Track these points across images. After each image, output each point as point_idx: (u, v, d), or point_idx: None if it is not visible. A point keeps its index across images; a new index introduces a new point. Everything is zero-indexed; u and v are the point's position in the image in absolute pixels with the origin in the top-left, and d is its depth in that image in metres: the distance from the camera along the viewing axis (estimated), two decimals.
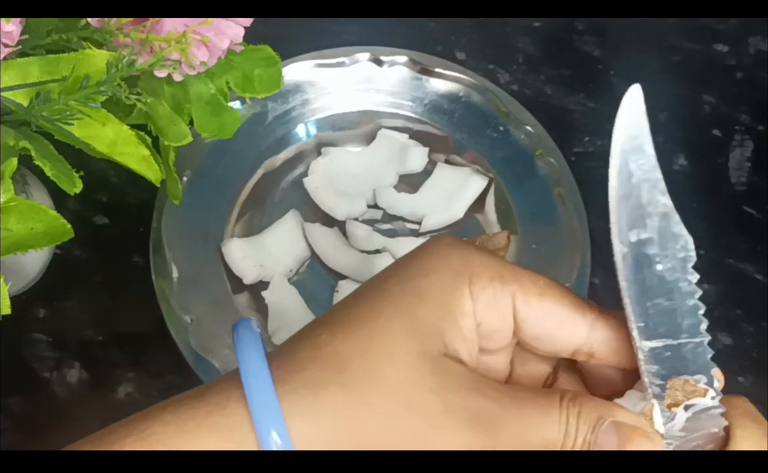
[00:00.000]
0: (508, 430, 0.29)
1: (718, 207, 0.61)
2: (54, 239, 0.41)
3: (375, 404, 0.28)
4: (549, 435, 0.30)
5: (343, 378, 0.28)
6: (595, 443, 0.30)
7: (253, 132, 0.58)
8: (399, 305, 0.30)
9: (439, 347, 0.30)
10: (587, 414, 0.30)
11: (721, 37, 0.68)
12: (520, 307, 0.31)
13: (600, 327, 0.32)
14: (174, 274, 0.52)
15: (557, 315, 0.32)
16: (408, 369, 0.29)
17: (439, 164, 0.59)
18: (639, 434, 0.30)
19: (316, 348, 0.29)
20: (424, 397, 0.28)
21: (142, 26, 0.41)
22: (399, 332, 0.29)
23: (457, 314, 0.30)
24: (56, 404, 0.51)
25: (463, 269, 0.31)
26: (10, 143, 0.39)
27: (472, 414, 0.29)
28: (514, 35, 0.67)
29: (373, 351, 0.29)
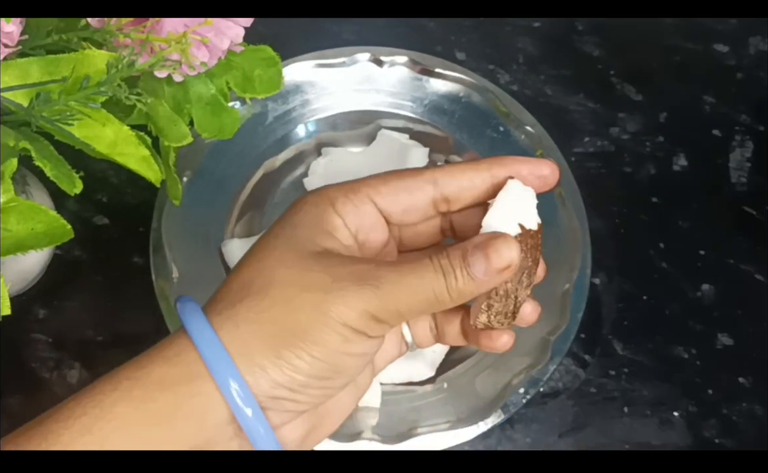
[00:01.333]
0: (389, 280, 0.35)
1: (718, 207, 0.61)
2: (54, 240, 0.41)
3: (277, 295, 0.35)
4: (429, 280, 0.35)
5: (250, 290, 0.35)
6: (471, 267, 0.35)
7: (253, 132, 0.58)
8: (279, 234, 0.37)
9: (316, 248, 0.36)
10: (453, 253, 0.36)
11: (721, 37, 0.68)
12: (377, 200, 0.38)
13: (440, 175, 0.38)
14: (174, 274, 0.52)
15: (404, 186, 0.38)
16: (295, 265, 0.35)
17: (440, 164, 0.59)
18: (493, 238, 0.36)
19: (228, 284, 0.37)
20: (314, 276, 0.35)
21: (142, 26, 0.41)
22: (282, 249, 0.36)
23: (329, 230, 0.37)
24: (56, 404, 0.51)
25: (324, 199, 0.38)
26: (10, 144, 0.39)
27: (355, 276, 0.35)
28: (514, 35, 0.67)
29: (265, 267, 0.36)
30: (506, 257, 0.35)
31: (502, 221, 0.37)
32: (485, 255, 0.35)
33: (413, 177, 0.38)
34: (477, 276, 0.35)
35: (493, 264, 0.35)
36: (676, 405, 0.53)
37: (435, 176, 0.38)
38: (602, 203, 0.60)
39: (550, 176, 0.39)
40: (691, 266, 0.58)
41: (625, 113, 0.64)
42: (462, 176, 0.38)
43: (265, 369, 0.34)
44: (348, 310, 0.34)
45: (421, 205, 0.38)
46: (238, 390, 0.33)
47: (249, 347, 0.34)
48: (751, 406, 0.53)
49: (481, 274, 0.35)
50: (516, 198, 0.38)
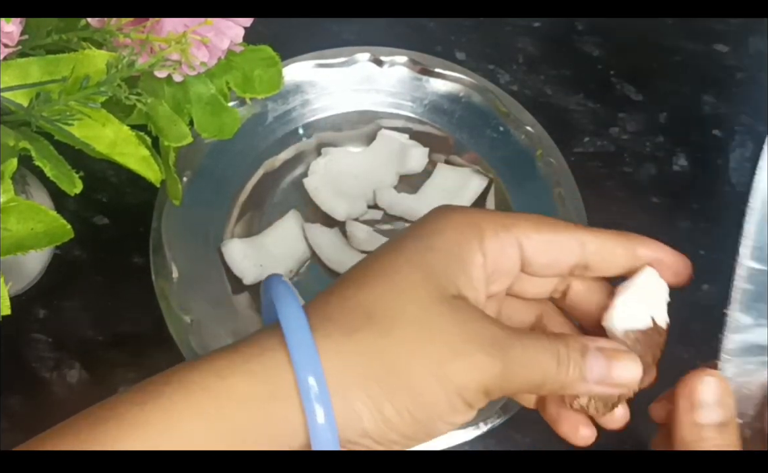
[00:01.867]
0: (514, 353, 0.32)
1: (718, 207, 0.61)
2: (54, 240, 0.41)
3: (400, 336, 0.32)
4: (544, 362, 0.33)
5: (371, 322, 0.32)
6: (587, 369, 0.33)
7: (253, 132, 0.58)
8: (414, 258, 0.34)
9: (453, 290, 0.33)
10: (573, 344, 0.34)
11: (721, 37, 0.68)
12: (525, 244, 0.35)
13: (591, 239, 0.36)
14: (174, 274, 0.52)
15: (555, 241, 0.36)
16: (428, 307, 0.32)
17: (439, 164, 0.59)
18: (621, 352, 0.34)
19: (345, 300, 0.33)
20: (445, 327, 0.32)
21: (142, 26, 0.41)
22: (416, 280, 0.33)
23: (468, 265, 0.34)
24: (56, 404, 0.51)
25: (472, 227, 0.35)
26: (10, 144, 0.39)
27: (486, 340, 0.32)
28: (514, 35, 0.67)
29: (394, 297, 0.33)
30: (628, 376, 0.34)
31: (634, 310, 0.36)
32: (608, 364, 0.34)
33: (565, 233, 0.36)
34: (588, 379, 0.33)
35: (614, 377, 0.34)
36: None
37: (584, 238, 0.36)
38: (602, 203, 0.60)
39: (685, 273, 0.38)
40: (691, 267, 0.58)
41: (625, 113, 0.64)
42: (611, 245, 0.36)
43: (361, 418, 0.32)
44: (469, 379, 0.32)
45: (564, 264, 0.36)
46: (328, 434, 0.31)
47: (352, 389, 0.31)
48: None
49: (595, 379, 0.33)
50: (651, 289, 0.36)
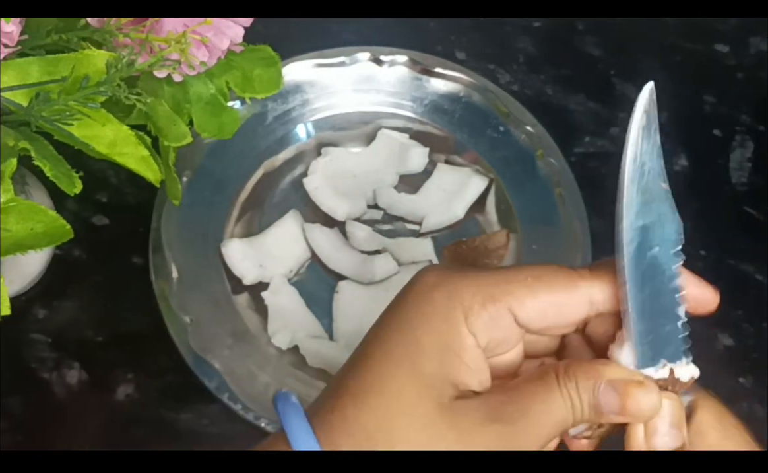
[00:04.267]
0: (525, 434, 0.32)
1: (719, 207, 0.61)
2: (54, 240, 0.41)
3: None
4: (560, 417, 0.32)
5: (369, 442, 0.32)
6: (600, 407, 0.32)
7: (253, 132, 0.58)
8: (404, 364, 0.32)
9: (450, 392, 0.32)
10: (583, 384, 0.32)
11: (721, 37, 0.68)
12: (519, 314, 0.33)
13: (597, 290, 0.33)
14: (174, 274, 0.52)
15: (555, 304, 0.33)
16: (428, 428, 0.32)
17: (440, 164, 0.59)
18: (633, 385, 0.32)
19: (348, 423, 0.32)
20: (441, 437, 0.32)
21: (141, 26, 0.41)
22: (411, 393, 0.32)
23: (459, 353, 0.32)
24: (56, 404, 0.51)
25: (454, 307, 0.33)
26: (9, 143, 0.39)
27: (493, 444, 0.32)
28: (514, 35, 0.67)
29: (394, 419, 0.32)
30: (646, 408, 0.32)
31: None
32: (621, 401, 0.32)
33: (566, 292, 0.33)
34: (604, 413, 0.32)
35: (630, 413, 0.32)
36: None
37: (592, 291, 0.33)
38: (602, 203, 0.59)
39: (710, 303, 0.34)
40: (691, 266, 0.58)
41: (626, 113, 0.63)
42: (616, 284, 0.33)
43: None
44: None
45: (570, 323, 0.34)
46: None
47: None
48: (751, 406, 0.53)
49: (612, 415, 0.32)
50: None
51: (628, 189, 0.33)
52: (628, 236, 0.33)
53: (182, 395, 0.52)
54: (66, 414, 0.51)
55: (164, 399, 0.52)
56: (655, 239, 0.33)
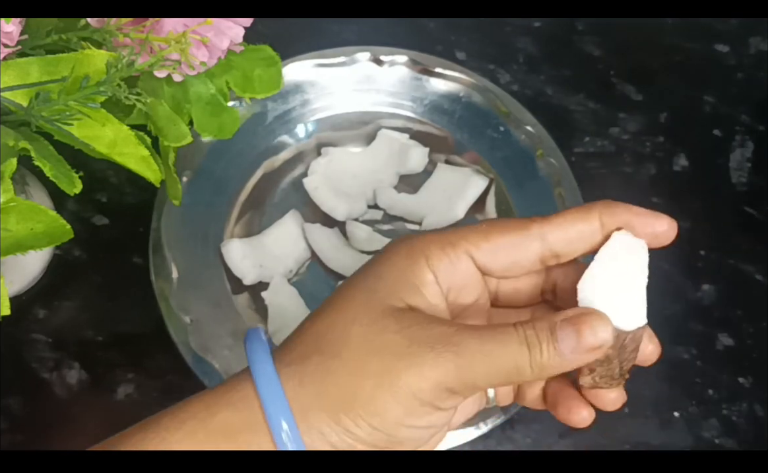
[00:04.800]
0: (468, 347, 0.33)
1: (719, 207, 0.61)
2: (54, 240, 0.41)
3: (346, 357, 0.34)
4: (512, 351, 0.33)
5: (321, 345, 0.34)
6: (559, 342, 0.33)
7: (253, 132, 0.58)
8: (361, 284, 0.35)
9: (401, 305, 0.34)
10: (540, 325, 0.33)
11: (722, 37, 0.68)
12: (476, 256, 0.36)
13: (548, 229, 0.35)
14: (174, 274, 0.52)
15: (507, 243, 0.36)
16: (371, 324, 0.34)
17: (440, 164, 0.59)
18: (588, 314, 0.33)
19: (302, 332, 0.36)
20: (388, 338, 0.33)
21: (141, 26, 0.41)
22: (361, 302, 0.35)
23: (417, 285, 0.35)
24: (56, 404, 0.51)
25: (417, 250, 0.35)
26: (9, 144, 0.39)
27: (433, 339, 0.33)
28: (514, 35, 0.67)
29: (341, 321, 0.35)
30: (600, 337, 0.33)
31: (602, 284, 0.34)
32: (576, 331, 0.33)
33: (518, 232, 0.36)
34: (564, 353, 0.33)
35: (584, 343, 0.33)
36: (676, 405, 0.53)
37: (543, 229, 0.35)
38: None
39: (666, 233, 0.36)
40: (691, 266, 0.58)
41: (626, 113, 0.64)
42: (571, 228, 0.35)
43: (324, 434, 0.33)
44: (420, 380, 0.32)
45: (526, 262, 0.36)
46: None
47: (311, 408, 0.33)
48: (751, 406, 0.53)
49: (569, 351, 0.33)
50: (625, 251, 0.34)
51: None
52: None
53: (182, 395, 0.51)
54: (66, 414, 0.51)
55: (164, 399, 0.52)
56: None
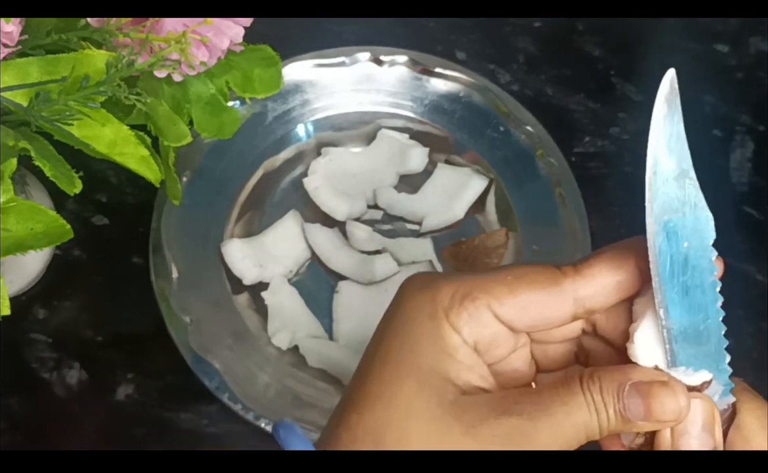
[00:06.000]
0: (543, 435, 0.31)
1: (719, 207, 0.60)
2: (54, 240, 0.41)
3: None
4: (581, 420, 0.31)
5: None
6: (626, 410, 0.31)
7: (253, 132, 0.58)
8: (402, 365, 0.32)
9: (452, 390, 0.32)
10: (607, 387, 0.31)
11: (722, 37, 0.67)
12: (499, 312, 0.32)
13: (582, 285, 0.33)
14: (174, 274, 0.52)
15: (536, 302, 0.33)
16: (432, 421, 0.31)
17: (440, 164, 0.59)
18: (657, 386, 0.31)
19: (351, 430, 0.32)
20: (456, 442, 0.31)
21: (141, 26, 0.41)
22: (412, 390, 0.31)
23: (450, 353, 0.32)
24: (56, 404, 0.51)
25: (435, 308, 0.32)
26: (9, 143, 0.39)
27: (505, 438, 0.31)
28: (514, 35, 0.67)
29: (397, 416, 0.31)
30: (670, 410, 0.31)
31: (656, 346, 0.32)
32: (645, 404, 0.31)
33: (547, 291, 0.32)
34: (634, 420, 0.31)
35: (655, 416, 0.31)
36: None
37: (575, 286, 0.32)
38: (602, 203, 0.59)
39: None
40: None
41: (626, 113, 0.64)
42: (607, 281, 0.33)
43: None
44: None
45: (556, 321, 0.33)
46: None
47: None
48: None
49: (638, 420, 0.31)
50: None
51: (651, 182, 0.33)
52: (654, 230, 0.33)
53: (182, 395, 0.52)
54: (66, 414, 0.51)
55: (164, 399, 0.52)
56: (685, 233, 0.34)
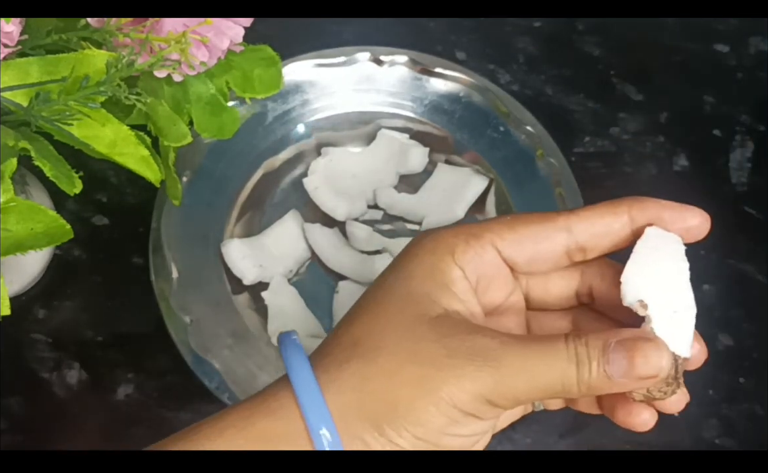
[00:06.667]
0: (512, 361, 0.32)
1: (719, 207, 0.60)
2: (54, 240, 0.41)
3: (382, 363, 0.33)
4: (558, 366, 0.32)
5: (358, 351, 0.34)
6: (608, 364, 0.32)
7: (253, 132, 0.58)
8: (393, 287, 0.35)
9: (437, 310, 0.34)
10: (593, 342, 0.32)
11: (722, 37, 0.68)
12: (500, 247, 0.35)
13: (575, 221, 0.35)
14: (174, 274, 0.52)
15: (531, 234, 0.35)
16: (407, 330, 0.33)
17: (440, 164, 0.59)
18: (643, 341, 0.32)
19: (337, 337, 0.35)
20: (426, 347, 0.33)
21: (141, 26, 0.41)
22: (396, 306, 0.34)
23: (447, 284, 0.34)
24: (56, 404, 0.51)
25: (442, 245, 0.35)
26: (9, 143, 0.39)
27: (472, 351, 0.32)
28: (514, 35, 0.67)
29: (377, 326, 0.34)
30: (654, 365, 0.32)
31: (648, 275, 0.33)
32: (629, 357, 0.32)
33: (543, 223, 0.35)
34: (614, 377, 0.32)
35: (637, 370, 0.32)
36: None
37: (569, 222, 0.35)
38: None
39: (699, 226, 0.35)
40: (691, 267, 0.58)
41: (626, 113, 0.64)
42: (598, 221, 0.35)
43: (366, 443, 0.33)
44: (459, 392, 0.32)
45: (551, 255, 0.35)
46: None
47: (352, 416, 0.33)
48: (751, 406, 0.53)
49: (619, 376, 0.32)
50: (660, 247, 0.34)
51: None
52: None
53: (182, 395, 0.52)
54: (66, 414, 0.51)
55: (164, 399, 0.52)
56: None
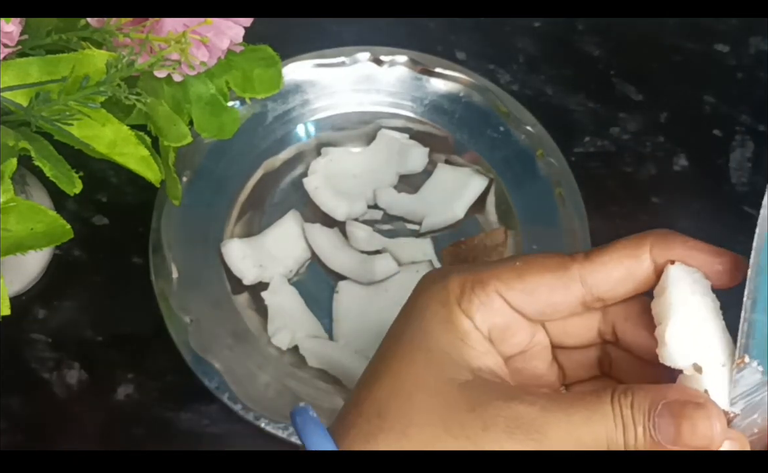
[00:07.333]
0: (554, 431, 0.30)
1: (719, 208, 0.61)
2: (54, 240, 0.41)
3: (416, 437, 0.30)
4: (603, 430, 0.30)
5: (386, 424, 0.31)
6: (655, 429, 0.30)
7: (253, 132, 0.58)
8: (413, 343, 0.32)
9: (465, 374, 0.31)
10: (639, 402, 0.30)
11: (722, 37, 0.67)
12: (509, 297, 0.33)
13: (590, 270, 0.33)
14: (174, 274, 0.52)
15: (543, 285, 0.33)
16: (438, 394, 0.31)
17: (440, 164, 0.59)
18: (692, 407, 0.30)
19: (359, 405, 0.32)
20: (460, 418, 0.30)
21: (141, 26, 0.41)
22: (420, 364, 0.32)
23: (461, 338, 0.32)
24: (56, 404, 0.51)
25: (448, 296, 0.33)
26: (9, 143, 0.39)
27: (511, 423, 0.30)
28: (514, 35, 0.67)
29: (403, 387, 0.31)
30: (703, 435, 0.29)
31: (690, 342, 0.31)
32: (676, 424, 0.29)
33: (555, 273, 0.33)
34: (662, 444, 0.30)
35: (684, 440, 0.29)
36: None
37: (583, 271, 0.32)
38: (602, 203, 0.59)
39: (731, 273, 0.33)
40: None
41: (626, 113, 0.64)
42: (617, 268, 0.32)
43: None
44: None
45: (565, 306, 0.33)
46: None
47: None
48: None
49: (666, 442, 0.30)
50: (691, 296, 0.31)
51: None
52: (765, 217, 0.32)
53: (182, 395, 0.52)
54: (66, 414, 0.51)
55: (164, 399, 0.52)
56: None
